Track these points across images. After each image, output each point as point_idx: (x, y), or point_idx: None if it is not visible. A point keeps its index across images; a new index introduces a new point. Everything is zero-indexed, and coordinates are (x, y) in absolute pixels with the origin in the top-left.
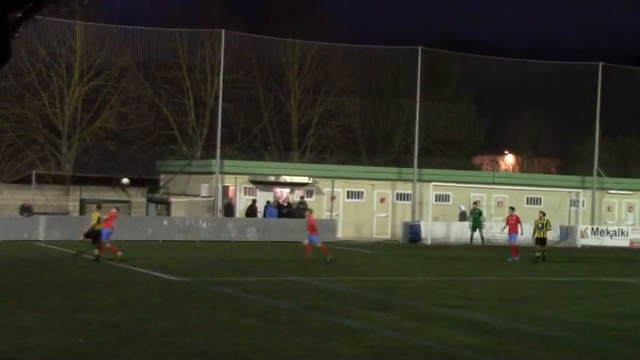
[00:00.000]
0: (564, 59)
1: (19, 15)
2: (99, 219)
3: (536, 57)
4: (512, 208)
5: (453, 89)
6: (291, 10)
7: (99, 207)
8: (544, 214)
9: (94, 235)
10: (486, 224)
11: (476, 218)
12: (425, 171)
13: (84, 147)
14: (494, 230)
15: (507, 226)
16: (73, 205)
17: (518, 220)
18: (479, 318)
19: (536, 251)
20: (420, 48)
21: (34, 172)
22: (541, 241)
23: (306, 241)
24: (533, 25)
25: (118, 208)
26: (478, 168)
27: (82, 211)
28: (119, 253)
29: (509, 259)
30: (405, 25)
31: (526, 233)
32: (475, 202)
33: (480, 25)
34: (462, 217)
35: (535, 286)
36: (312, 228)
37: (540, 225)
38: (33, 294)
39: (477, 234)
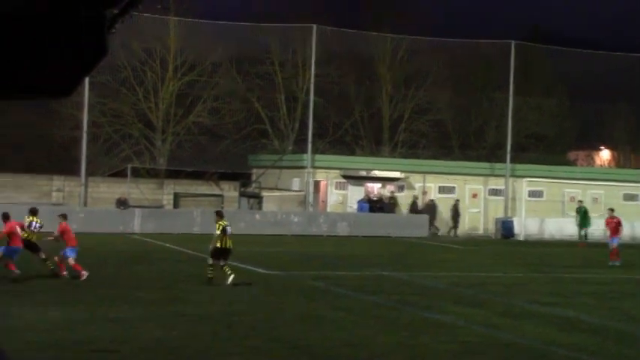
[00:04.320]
0: None
1: (116, 11)
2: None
3: (632, 49)
4: (611, 210)
5: (546, 83)
6: (382, 4)
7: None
8: None
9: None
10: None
11: (582, 216)
12: (518, 166)
13: (177, 141)
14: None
15: (608, 229)
16: (167, 199)
17: (619, 223)
18: (572, 315)
19: None
20: (512, 42)
21: (129, 166)
22: None
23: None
24: (628, 16)
25: (64, 216)
26: (573, 163)
27: (176, 204)
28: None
29: (609, 264)
30: (498, 18)
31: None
32: (580, 201)
33: (573, 18)
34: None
35: (630, 284)
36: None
37: None
38: (128, 286)
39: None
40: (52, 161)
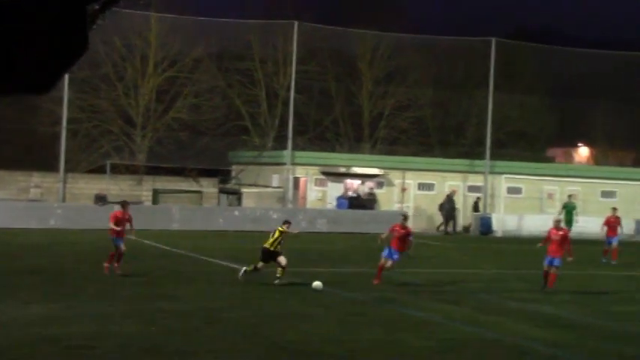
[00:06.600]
0: None
1: (97, 7)
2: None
3: (612, 47)
4: (614, 209)
5: (527, 80)
6: (363, 1)
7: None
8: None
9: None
10: (578, 219)
11: (569, 212)
12: (497, 163)
13: (157, 137)
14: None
15: (606, 228)
16: (146, 195)
17: (619, 222)
18: (551, 311)
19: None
20: (493, 39)
21: (108, 162)
22: None
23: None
24: (610, 14)
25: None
26: (551, 160)
27: (155, 200)
28: None
29: (612, 262)
30: (480, 15)
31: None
32: (569, 196)
33: (555, 14)
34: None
35: (609, 281)
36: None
37: None
38: (108, 282)
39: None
40: (31, 157)
